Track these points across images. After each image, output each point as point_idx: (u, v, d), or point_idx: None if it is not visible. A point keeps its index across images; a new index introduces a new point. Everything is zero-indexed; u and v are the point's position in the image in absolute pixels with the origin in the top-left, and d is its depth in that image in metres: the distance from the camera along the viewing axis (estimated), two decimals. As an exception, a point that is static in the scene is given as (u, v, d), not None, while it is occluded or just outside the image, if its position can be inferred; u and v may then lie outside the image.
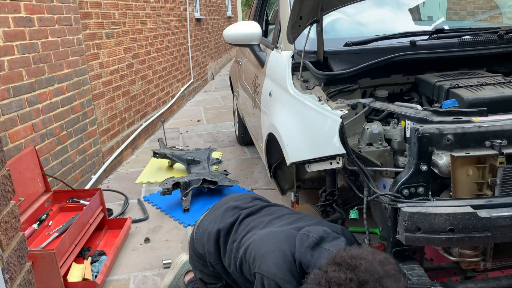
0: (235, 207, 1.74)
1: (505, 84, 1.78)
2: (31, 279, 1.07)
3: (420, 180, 1.44)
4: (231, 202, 1.80)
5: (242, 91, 3.72)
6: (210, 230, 1.69)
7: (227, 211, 1.73)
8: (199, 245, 1.75)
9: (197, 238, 1.77)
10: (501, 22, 3.42)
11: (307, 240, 1.36)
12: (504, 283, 1.53)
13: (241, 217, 1.66)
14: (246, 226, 1.61)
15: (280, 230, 1.47)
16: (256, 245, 1.45)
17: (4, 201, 0.97)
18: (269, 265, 1.34)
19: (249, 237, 1.53)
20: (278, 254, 1.35)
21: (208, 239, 1.69)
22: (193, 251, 1.82)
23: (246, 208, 1.72)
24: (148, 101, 5.24)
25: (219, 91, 8.17)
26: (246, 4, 21.04)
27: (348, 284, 1.07)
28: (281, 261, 1.34)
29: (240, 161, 4.21)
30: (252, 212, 1.69)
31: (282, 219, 1.59)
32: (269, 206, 1.75)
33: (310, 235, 1.38)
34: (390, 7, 2.76)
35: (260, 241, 1.46)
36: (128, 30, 4.62)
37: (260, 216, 1.66)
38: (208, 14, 9.27)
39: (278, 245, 1.39)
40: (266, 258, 1.37)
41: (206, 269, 1.78)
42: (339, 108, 1.69)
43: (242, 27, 2.65)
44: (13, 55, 2.66)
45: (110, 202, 3.33)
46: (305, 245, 1.35)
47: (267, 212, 1.68)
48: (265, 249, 1.40)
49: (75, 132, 3.42)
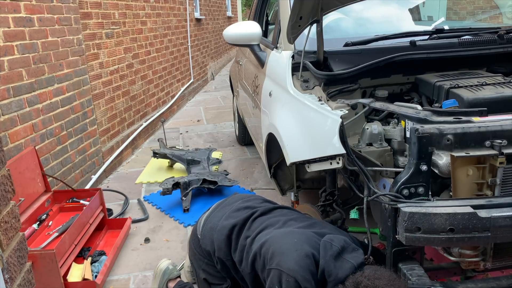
0: (246, 206, 1.78)
1: (505, 84, 1.78)
2: (31, 279, 1.07)
3: (420, 180, 1.44)
4: (241, 202, 1.83)
5: (242, 91, 3.72)
6: (224, 225, 1.71)
7: (239, 210, 1.76)
8: (206, 241, 1.75)
9: (204, 234, 1.77)
10: (501, 22, 3.42)
11: (331, 249, 1.41)
12: (504, 283, 1.53)
13: (255, 215, 1.70)
14: (261, 223, 1.64)
15: (302, 231, 1.51)
16: (276, 242, 1.47)
17: (4, 201, 0.97)
18: (291, 263, 1.37)
19: (265, 234, 1.55)
20: (301, 253, 1.39)
21: (219, 234, 1.70)
22: (197, 249, 1.81)
23: (259, 207, 1.75)
24: (148, 101, 5.24)
25: (219, 91, 8.17)
26: (246, 4, 21.04)
27: None
28: (302, 260, 1.37)
29: (240, 161, 4.21)
30: (265, 211, 1.73)
31: (297, 221, 1.63)
32: (280, 208, 1.79)
33: (334, 244, 1.43)
34: (390, 7, 2.76)
35: (280, 238, 1.49)
36: (128, 30, 4.62)
37: (273, 216, 1.69)
38: (208, 14, 9.27)
39: (301, 245, 1.42)
40: (287, 255, 1.39)
41: (211, 269, 1.77)
42: (339, 108, 1.69)
43: (242, 27, 2.65)
44: (13, 55, 2.66)
45: (110, 202, 3.33)
46: (329, 254, 1.39)
47: (280, 213, 1.72)
48: (286, 247, 1.43)
49: (75, 132, 3.42)
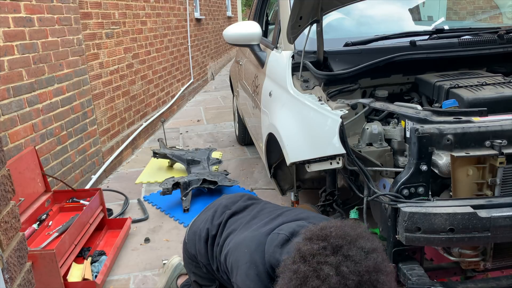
0: (224, 206, 1.71)
1: (505, 84, 1.78)
2: (31, 279, 1.07)
3: (420, 180, 1.44)
4: (223, 201, 1.78)
5: (242, 91, 3.72)
6: (201, 229, 1.67)
7: (217, 211, 1.70)
8: (191, 245, 1.73)
9: (189, 238, 1.76)
10: (501, 22, 3.42)
11: (277, 239, 1.30)
12: (504, 283, 1.53)
13: (225, 217, 1.64)
14: (228, 227, 1.58)
15: (252, 237, 1.41)
16: (232, 254, 1.42)
17: (4, 201, 0.97)
18: (242, 277, 1.31)
19: (228, 243, 1.50)
20: (250, 266, 1.32)
21: (199, 239, 1.67)
22: (186, 253, 1.80)
23: (232, 207, 1.69)
24: (148, 101, 5.24)
25: (219, 91, 8.16)
26: (246, 4, 21.04)
27: (322, 252, 1.04)
28: (252, 273, 1.30)
29: (240, 161, 4.21)
30: (236, 211, 1.66)
31: (261, 218, 1.53)
32: (254, 204, 1.70)
33: (281, 233, 1.32)
34: (390, 7, 2.76)
35: (234, 250, 1.42)
36: (128, 30, 4.62)
37: (242, 217, 1.62)
38: (208, 14, 9.27)
39: (250, 255, 1.34)
40: (240, 269, 1.34)
41: (200, 271, 1.76)
42: (339, 108, 1.69)
43: (242, 27, 2.65)
44: (13, 55, 2.66)
45: (110, 202, 3.33)
46: (274, 245, 1.29)
47: (249, 212, 1.64)
48: (239, 260, 1.37)
49: (75, 132, 3.42)
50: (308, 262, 1.04)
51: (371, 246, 1.06)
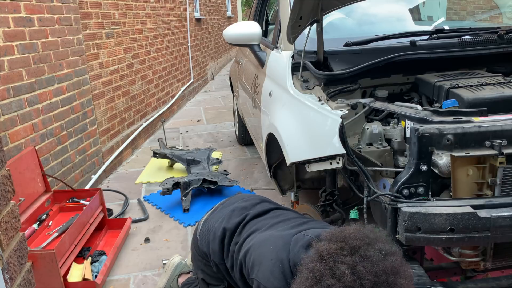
0: (243, 207, 1.70)
1: (505, 84, 1.78)
2: (31, 279, 1.07)
3: (420, 180, 1.44)
4: (239, 202, 1.76)
5: (242, 91, 3.72)
6: (217, 228, 1.66)
7: (235, 211, 1.69)
8: (203, 243, 1.73)
9: (201, 236, 1.75)
10: (501, 22, 3.42)
11: (303, 239, 1.31)
12: (504, 283, 1.54)
13: (247, 218, 1.62)
14: (250, 227, 1.57)
15: (279, 236, 1.42)
16: (255, 250, 1.42)
17: (4, 201, 0.97)
18: (266, 273, 1.31)
19: (249, 240, 1.49)
20: (276, 263, 1.32)
21: (213, 238, 1.66)
22: (196, 249, 1.80)
23: (251, 210, 1.67)
24: (148, 101, 5.24)
25: (219, 91, 8.16)
26: (246, 4, 21.03)
27: (340, 252, 1.05)
28: (277, 270, 1.30)
29: (240, 161, 4.21)
30: (259, 213, 1.64)
31: (286, 222, 1.54)
32: (277, 209, 1.69)
33: (307, 234, 1.32)
34: (390, 7, 2.76)
35: (259, 246, 1.42)
36: (128, 30, 4.62)
37: (265, 219, 1.61)
38: (208, 14, 9.26)
39: (276, 253, 1.34)
40: (264, 265, 1.34)
41: (209, 270, 1.76)
42: (339, 108, 1.69)
43: (242, 27, 2.65)
44: (13, 55, 2.66)
45: (110, 202, 3.33)
46: (299, 244, 1.29)
47: (273, 215, 1.64)
48: (264, 256, 1.36)
49: (75, 132, 3.42)
50: (325, 261, 1.05)
51: (390, 249, 1.07)
